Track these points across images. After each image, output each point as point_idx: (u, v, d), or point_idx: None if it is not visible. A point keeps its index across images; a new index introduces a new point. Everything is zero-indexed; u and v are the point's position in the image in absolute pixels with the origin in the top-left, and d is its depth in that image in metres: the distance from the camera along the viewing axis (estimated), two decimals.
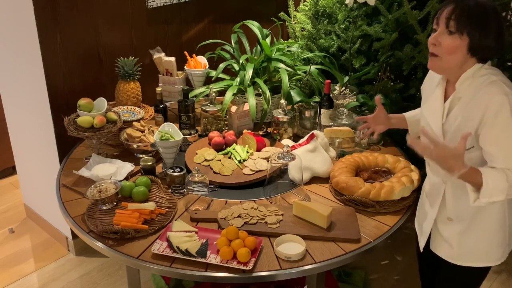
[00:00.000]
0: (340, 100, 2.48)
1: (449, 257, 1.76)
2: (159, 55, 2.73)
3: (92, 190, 1.88)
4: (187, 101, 2.34)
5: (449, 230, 1.73)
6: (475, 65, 1.55)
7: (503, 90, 1.49)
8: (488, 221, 1.68)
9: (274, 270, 1.61)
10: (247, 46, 2.73)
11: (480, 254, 1.72)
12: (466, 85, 1.56)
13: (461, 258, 1.74)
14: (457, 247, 1.73)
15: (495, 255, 1.73)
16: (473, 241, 1.71)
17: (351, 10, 2.63)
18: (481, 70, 1.55)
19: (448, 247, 1.75)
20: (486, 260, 1.74)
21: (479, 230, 1.69)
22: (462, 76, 1.56)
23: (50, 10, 2.40)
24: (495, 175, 1.49)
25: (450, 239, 1.73)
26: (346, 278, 2.67)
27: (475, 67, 1.55)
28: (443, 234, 1.75)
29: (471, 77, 1.55)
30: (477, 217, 1.67)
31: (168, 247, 1.66)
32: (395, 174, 2.02)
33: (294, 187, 2.03)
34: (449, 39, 1.50)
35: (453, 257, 1.75)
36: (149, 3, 2.80)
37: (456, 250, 1.73)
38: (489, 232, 1.69)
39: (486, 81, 1.52)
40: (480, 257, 1.73)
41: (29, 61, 2.51)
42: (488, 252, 1.72)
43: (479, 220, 1.67)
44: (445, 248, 1.76)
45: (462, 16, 1.47)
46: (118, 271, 2.76)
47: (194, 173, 1.89)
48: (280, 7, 3.22)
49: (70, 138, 2.26)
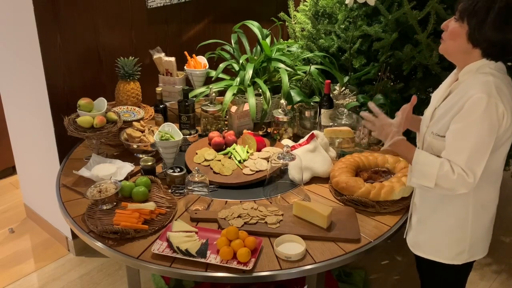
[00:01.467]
0: (340, 100, 2.48)
1: (409, 243, 1.82)
2: (159, 55, 2.73)
3: (92, 190, 1.88)
4: (187, 101, 2.34)
5: (413, 217, 1.79)
6: (481, 60, 1.54)
7: (489, 91, 1.48)
8: (445, 219, 1.68)
9: (274, 270, 1.61)
10: (247, 46, 2.73)
11: (432, 247, 1.74)
12: (467, 77, 1.56)
13: (416, 246, 1.79)
14: (414, 234, 1.79)
15: (448, 253, 1.71)
16: (427, 232, 1.74)
17: (351, 10, 2.63)
18: (486, 68, 1.54)
19: (411, 234, 1.81)
20: (438, 256, 1.73)
21: (434, 222, 1.71)
22: (466, 67, 1.56)
23: (50, 10, 2.40)
24: (429, 159, 1.54)
25: (414, 226, 1.79)
26: (346, 278, 2.67)
27: (481, 62, 1.54)
28: (412, 220, 1.81)
29: (474, 70, 1.55)
30: (435, 211, 1.69)
31: (168, 247, 1.67)
32: (395, 174, 2.03)
33: (294, 187, 2.03)
34: (454, 25, 1.54)
35: (410, 244, 1.82)
36: (149, 3, 2.80)
37: (414, 236, 1.79)
38: (443, 228, 1.69)
39: (483, 78, 1.52)
40: (432, 250, 1.74)
41: (29, 61, 2.51)
42: (441, 248, 1.72)
43: (437, 214, 1.69)
44: (409, 235, 1.83)
45: (466, 4, 1.50)
46: (118, 271, 2.76)
47: (194, 173, 1.89)
48: (280, 7, 3.22)
49: (70, 138, 2.26)
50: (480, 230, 1.70)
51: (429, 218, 1.72)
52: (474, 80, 1.53)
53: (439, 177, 1.51)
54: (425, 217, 1.73)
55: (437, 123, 1.60)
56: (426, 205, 1.72)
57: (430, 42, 2.38)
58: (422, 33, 2.36)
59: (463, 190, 1.53)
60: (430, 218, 1.71)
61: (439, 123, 1.59)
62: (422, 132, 1.69)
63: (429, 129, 1.63)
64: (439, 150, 1.58)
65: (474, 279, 2.72)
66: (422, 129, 1.70)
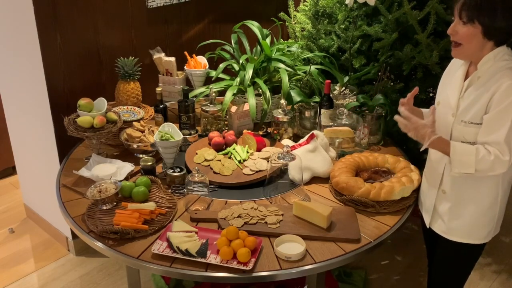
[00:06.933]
0: (340, 100, 2.48)
1: (441, 231, 1.87)
2: (159, 55, 2.73)
3: (92, 190, 1.88)
4: (187, 101, 2.34)
5: (442, 204, 1.84)
6: (496, 49, 1.64)
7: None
8: (479, 199, 1.76)
9: (274, 270, 1.61)
10: (247, 46, 2.73)
11: (467, 230, 1.82)
12: (487, 67, 1.66)
13: (450, 232, 1.85)
14: (447, 221, 1.83)
15: (481, 233, 1.82)
16: (462, 217, 1.80)
17: (351, 10, 2.63)
18: (504, 56, 1.64)
19: (441, 221, 1.86)
20: (472, 238, 1.83)
21: (468, 206, 1.78)
22: (484, 58, 1.66)
23: (50, 10, 2.40)
24: (464, 149, 1.64)
25: (443, 213, 1.84)
26: (346, 278, 2.67)
27: (496, 50, 1.64)
28: (438, 209, 1.86)
29: (492, 59, 1.65)
30: (468, 193, 1.77)
31: (168, 247, 1.67)
32: (395, 174, 2.03)
33: (294, 187, 2.03)
34: (464, 29, 1.62)
35: (444, 231, 1.86)
36: (149, 3, 2.80)
37: (446, 224, 1.84)
38: (478, 210, 1.78)
39: (506, 66, 1.62)
40: (466, 233, 1.82)
41: (29, 61, 2.51)
42: (475, 230, 1.82)
43: (469, 197, 1.77)
44: (438, 223, 1.88)
45: (470, 6, 1.58)
46: (118, 271, 2.76)
47: (194, 173, 1.89)
48: (280, 7, 3.22)
49: (70, 138, 2.26)
50: (504, 205, 1.83)
51: (464, 202, 1.79)
52: (500, 68, 1.63)
53: (478, 162, 1.62)
54: (459, 202, 1.79)
55: (466, 112, 1.68)
56: (460, 191, 1.78)
57: (430, 42, 2.38)
58: (422, 33, 2.36)
59: (502, 169, 1.64)
60: (465, 202, 1.78)
61: (469, 112, 1.67)
62: (448, 121, 1.75)
63: (458, 118, 1.71)
64: (472, 137, 1.68)
65: (474, 279, 2.72)
66: (447, 118, 1.75)
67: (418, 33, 2.37)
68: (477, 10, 1.57)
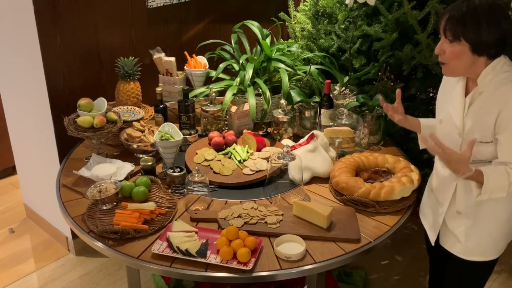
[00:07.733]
0: (340, 100, 2.48)
1: (457, 251, 1.80)
2: (159, 55, 2.73)
3: (92, 190, 1.88)
4: (187, 101, 2.34)
5: (457, 224, 1.78)
6: (493, 61, 1.58)
7: None
8: (495, 216, 1.72)
9: (274, 270, 1.61)
10: (247, 46, 2.73)
11: (486, 248, 1.77)
12: (487, 81, 1.59)
13: (468, 252, 1.78)
14: (464, 241, 1.77)
15: (498, 247, 1.78)
16: (480, 236, 1.75)
17: (351, 10, 2.63)
18: (503, 67, 1.58)
19: (456, 241, 1.79)
20: (490, 254, 1.78)
21: (486, 224, 1.73)
22: (483, 72, 1.59)
23: (50, 10, 2.40)
24: (496, 174, 1.56)
25: (458, 233, 1.78)
26: (346, 278, 2.67)
27: (494, 63, 1.58)
28: (451, 228, 1.79)
29: (491, 72, 1.58)
30: (484, 211, 1.71)
31: (168, 247, 1.67)
32: (395, 174, 2.03)
33: (294, 187, 2.03)
34: (451, 47, 1.57)
35: (461, 252, 1.80)
36: (149, 3, 2.80)
37: (463, 245, 1.78)
38: (496, 226, 1.74)
39: (509, 78, 1.57)
40: (485, 251, 1.77)
41: (29, 61, 2.51)
42: (492, 246, 1.77)
43: (486, 214, 1.72)
44: (453, 242, 1.81)
45: (454, 24, 1.53)
46: (118, 271, 2.76)
47: (194, 173, 1.89)
48: (280, 7, 3.22)
49: (70, 138, 2.26)
50: None
51: (481, 221, 1.73)
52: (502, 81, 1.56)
53: (510, 185, 1.56)
54: (476, 222, 1.73)
55: (474, 132, 1.62)
56: (476, 210, 1.72)
57: (430, 42, 2.38)
58: (422, 33, 2.36)
59: None
60: (483, 221, 1.73)
61: (476, 131, 1.61)
62: (455, 140, 1.68)
63: (466, 138, 1.64)
64: (483, 156, 1.62)
65: None
66: (453, 137, 1.69)
67: (418, 33, 2.37)
68: (461, 26, 1.51)
